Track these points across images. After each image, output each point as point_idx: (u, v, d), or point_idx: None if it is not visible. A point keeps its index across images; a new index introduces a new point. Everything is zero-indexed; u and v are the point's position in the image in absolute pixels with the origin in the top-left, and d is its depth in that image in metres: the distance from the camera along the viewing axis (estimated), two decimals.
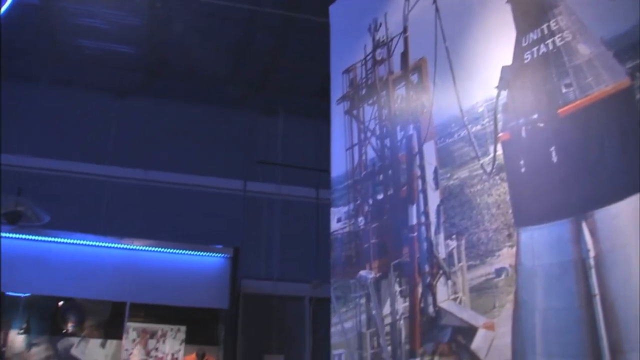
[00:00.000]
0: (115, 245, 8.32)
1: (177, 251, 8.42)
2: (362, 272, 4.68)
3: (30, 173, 9.37)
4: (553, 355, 2.77)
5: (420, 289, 3.90)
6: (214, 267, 8.41)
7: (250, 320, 8.96)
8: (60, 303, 8.72)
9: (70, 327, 8.56)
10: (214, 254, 8.46)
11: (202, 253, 8.46)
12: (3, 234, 8.15)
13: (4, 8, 6.58)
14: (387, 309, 4.38)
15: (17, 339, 8.38)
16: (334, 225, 5.08)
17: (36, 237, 8.25)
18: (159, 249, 8.42)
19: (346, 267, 4.88)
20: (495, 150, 3.35)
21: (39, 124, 9.71)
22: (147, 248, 8.39)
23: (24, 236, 8.22)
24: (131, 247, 8.34)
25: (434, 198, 3.87)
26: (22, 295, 8.39)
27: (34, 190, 8.54)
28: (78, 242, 8.28)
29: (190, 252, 8.43)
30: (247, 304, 8.93)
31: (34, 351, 8.31)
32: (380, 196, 4.52)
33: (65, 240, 8.27)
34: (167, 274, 8.23)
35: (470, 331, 3.44)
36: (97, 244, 8.30)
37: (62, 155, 9.71)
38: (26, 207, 8.00)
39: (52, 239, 8.28)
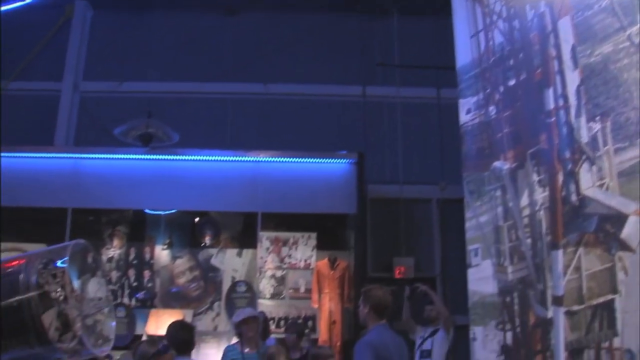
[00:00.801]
0: (243, 159, 8.52)
1: (303, 160, 8.49)
2: (497, 164, 4.49)
3: (157, 97, 9.73)
4: None
5: (560, 177, 3.68)
6: (340, 173, 8.43)
7: (379, 224, 9.01)
8: (197, 219, 9.17)
9: (208, 240, 9.01)
10: (338, 160, 8.46)
11: (326, 160, 8.48)
12: (138, 156, 8.59)
13: None
14: (524, 200, 4.20)
15: (162, 253, 8.95)
16: (463, 118, 4.90)
17: (168, 157, 8.61)
18: (285, 159, 8.53)
19: (479, 160, 4.72)
20: None
21: (161, 49, 10.00)
22: (273, 159, 8.52)
23: (157, 157, 8.61)
24: (258, 159, 8.50)
25: (572, 78, 3.57)
26: (162, 212, 8.88)
27: (162, 113, 8.86)
28: (207, 158, 8.54)
29: (315, 159, 8.47)
30: (374, 208, 8.96)
31: (178, 263, 8.85)
32: (511, 82, 4.25)
33: (195, 158, 8.57)
34: (294, 183, 8.36)
35: (619, 219, 3.21)
36: (225, 158, 8.54)
37: (185, 77, 10.00)
38: (157, 129, 8.33)
39: (183, 157, 8.60)
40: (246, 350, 5.54)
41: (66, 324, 5.20)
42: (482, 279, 5.02)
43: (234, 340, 6.22)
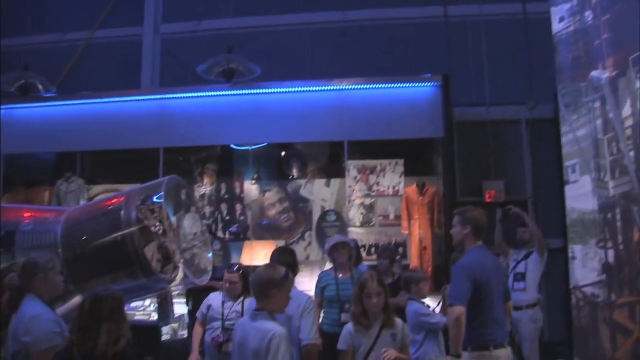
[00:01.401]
0: (326, 88, 8.43)
1: (386, 86, 8.31)
2: (595, 73, 4.24)
3: (236, 33, 9.74)
4: None
5: None
6: (425, 97, 8.21)
7: (467, 148, 8.81)
8: (283, 153, 9.26)
9: (295, 172, 9.11)
10: (423, 84, 8.23)
11: (411, 84, 8.27)
12: (221, 92, 8.68)
13: None
14: (627, 110, 3.96)
15: (251, 187, 9.13)
16: (556, 27, 4.63)
17: (252, 91, 8.65)
18: (368, 86, 8.38)
19: (574, 71, 4.47)
20: None
21: None
22: (356, 87, 8.38)
23: (241, 92, 8.66)
24: (341, 87, 8.39)
25: None
26: (249, 148, 9.00)
27: (243, 48, 8.87)
28: (290, 90, 8.52)
29: (399, 85, 8.28)
30: (461, 131, 8.74)
31: (267, 196, 9.02)
32: None
33: (278, 90, 8.57)
34: (379, 109, 8.22)
35: None
36: (308, 89, 8.49)
37: (262, 11, 9.94)
38: (238, 64, 8.36)
39: (266, 91, 8.62)
40: (340, 275, 5.63)
41: (167, 256, 5.43)
42: (581, 196, 4.84)
43: (328, 266, 6.33)
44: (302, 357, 3.83)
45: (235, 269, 5.30)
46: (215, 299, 5.39)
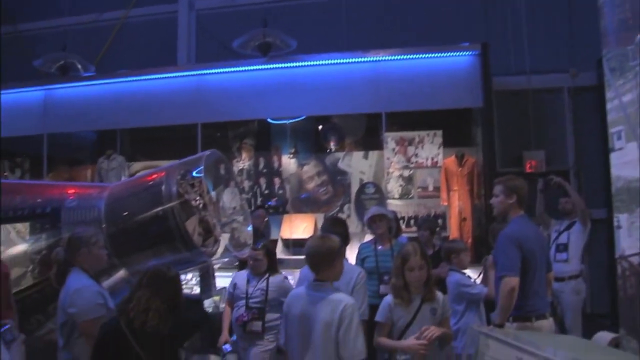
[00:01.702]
0: (362, 60, 8.34)
1: (424, 55, 8.17)
2: None
3: (271, 6, 9.68)
4: None
5: None
6: (463, 66, 8.05)
7: (506, 118, 8.68)
8: (320, 126, 9.24)
9: (332, 145, 9.08)
10: (461, 52, 8.06)
11: (449, 53, 8.09)
12: (257, 67, 8.67)
13: None
14: None
15: (289, 161, 9.15)
16: None
17: (288, 64, 8.61)
18: (406, 56, 8.24)
19: (621, 33, 4.32)
20: None
21: None
22: (393, 57, 8.25)
23: (277, 65, 8.64)
24: (378, 58, 8.27)
25: None
26: (286, 121, 9.00)
27: (278, 21, 8.83)
28: (326, 62, 8.44)
29: (436, 54, 8.13)
30: (501, 101, 8.60)
31: (305, 169, 9.03)
32: None
33: (315, 63, 8.50)
34: (416, 79, 8.11)
35: None
36: (344, 61, 8.40)
37: None
38: (274, 37, 8.31)
39: (303, 63, 8.57)
40: (379, 247, 5.62)
41: (207, 230, 5.49)
42: (626, 163, 4.70)
43: (367, 238, 6.33)
44: None
45: (259, 245, 5.29)
46: (240, 277, 5.40)
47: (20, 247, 5.08)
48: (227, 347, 5.21)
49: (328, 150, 9.07)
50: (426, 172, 8.42)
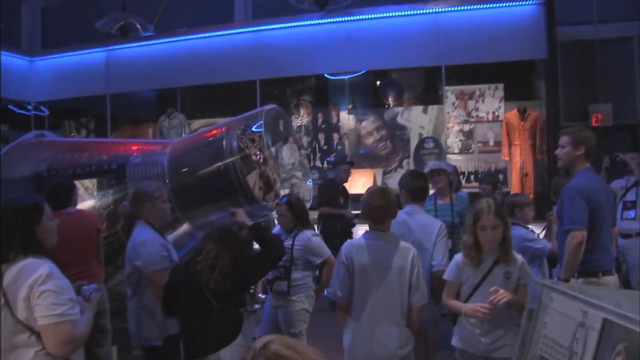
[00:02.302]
0: (422, 12, 8.18)
1: (485, 6, 7.94)
2: None
3: None
4: None
5: None
6: (526, 16, 7.80)
7: (572, 69, 8.38)
8: (378, 82, 9.15)
9: (391, 100, 9.01)
10: (524, 2, 7.78)
11: (511, 3, 7.82)
12: (314, 21, 8.60)
13: None
14: None
15: (347, 117, 9.13)
16: None
17: (345, 18, 8.53)
18: (466, 7, 8.04)
19: None
20: None
21: None
22: (453, 8, 8.07)
23: (334, 19, 8.57)
24: (437, 10, 8.10)
25: None
26: (344, 77, 8.94)
27: None
28: (384, 15, 8.32)
29: (498, 4, 7.88)
30: (566, 52, 8.30)
31: (364, 124, 9.00)
32: None
33: (372, 16, 8.39)
34: (478, 31, 7.90)
35: None
36: (403, 13, 8.25)
37: None
38: None
39: (360, 17, 8.47)
40: (439, 201, 5.57)
41: (268, 184, 5.54)
42: None
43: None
44: (432, 282, 3.82)
45: (285, 200, 5.08)
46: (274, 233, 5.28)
47: (88, 203, 5.24)
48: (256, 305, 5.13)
49: (386, 106, 9.00)
50: (487, 126, 8.28)
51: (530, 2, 7.79)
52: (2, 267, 2.38)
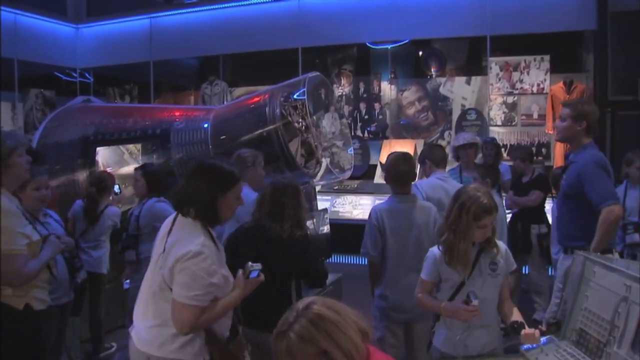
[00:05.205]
0: None
1: None
2: None
3: None
4: None
5: None
6: None
7: (621, 41, 8.08)
8: (420, 52, 9.04)
9: (434, 70, 8.90)
10: None
11: None
12: None
13: None
14: None
15: (389, 87, 9.08)
16: None
17: None
18: None
19: None
20: None
21: None
22: None
23: None
24: None
25: None
26: (387, 46, 8.86)
27: None
28: None
29: None
30: (616, 23, 8.01)
31: (405, 95, 8.92)
32: None
33: None
34: (525, 0, 7.72)
35: None
36: None
37: None
38: None
39: None
40: (465, 174, 5.58)
41: (310, 152, 5.57)
42: None
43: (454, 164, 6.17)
44: None
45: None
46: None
47: (133, 167, 5.34)
48: None
49: (429, 76, 8.90)
50: (531, 98, 8.13)
51: None
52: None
